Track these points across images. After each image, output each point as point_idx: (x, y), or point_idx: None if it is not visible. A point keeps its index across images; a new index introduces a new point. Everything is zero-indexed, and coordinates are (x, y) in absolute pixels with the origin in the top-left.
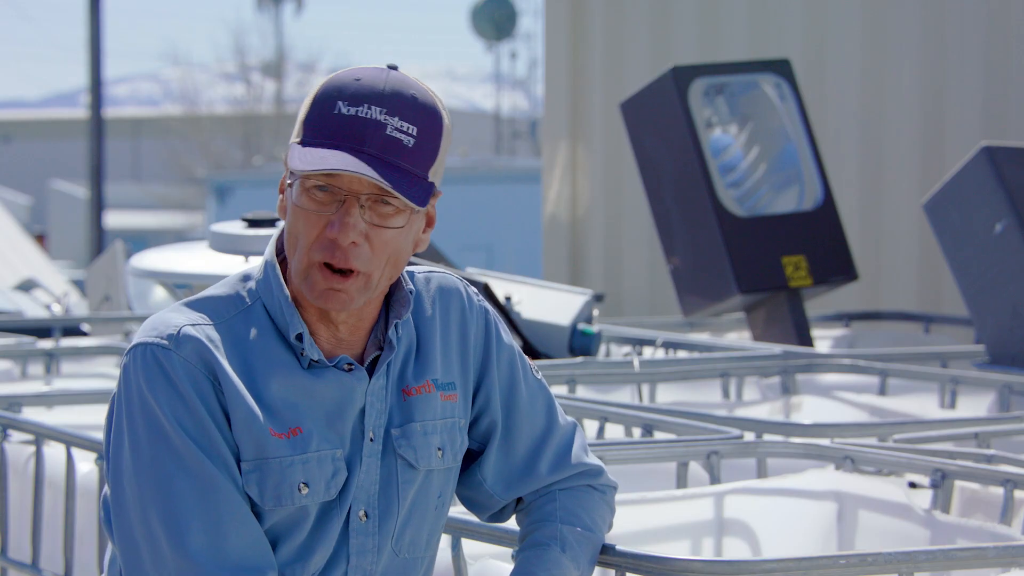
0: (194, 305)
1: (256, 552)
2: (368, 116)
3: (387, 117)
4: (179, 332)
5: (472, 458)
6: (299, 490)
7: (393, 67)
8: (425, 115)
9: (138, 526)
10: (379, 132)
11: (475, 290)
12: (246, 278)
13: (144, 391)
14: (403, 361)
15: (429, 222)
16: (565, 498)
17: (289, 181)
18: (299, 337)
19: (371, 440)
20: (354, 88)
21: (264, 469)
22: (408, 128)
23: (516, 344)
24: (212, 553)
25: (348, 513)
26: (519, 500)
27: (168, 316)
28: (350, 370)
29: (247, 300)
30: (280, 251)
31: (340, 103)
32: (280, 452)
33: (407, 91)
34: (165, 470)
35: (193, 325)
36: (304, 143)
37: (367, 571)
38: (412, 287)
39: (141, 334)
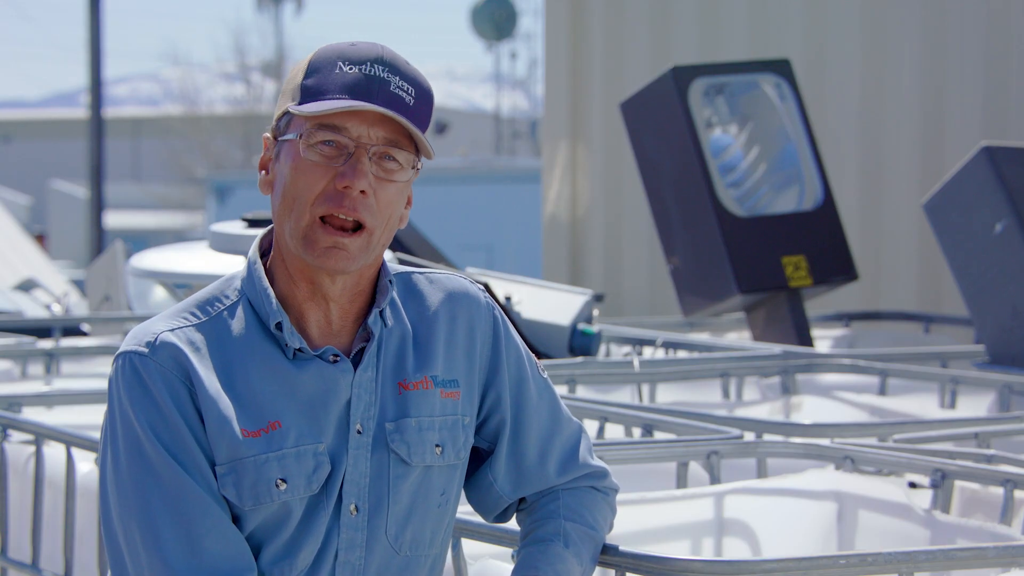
0: (179, 308)
1: (234, 556)
2: (372, 73)
3: (389, 75)
4: (156, 339)
5: (480, 459)
6: (276, 486)
7: None
8: (420, 82)
9: (120, 535)
10: (384, 87)
11: (482, 288)
12: (232, 278)
13: (124, 401)
14: (398, 354)
15: (408, 200)
16: (568, 497)
17: (287, 138)
18: (279, 326)
19: (359, 433)
20: (352, 51)
21: (239, 470)
22: (409, 88)
23: (523, 343)
24: (187, 562)
25: (340, 508)
26: (522, 499)
27: (150, 324)
28: (335, 361)
29: (232, 297)
30: (264, 251)
31: (341, 63)
32: (253, 451)
33: (401, 59)
34: (141, 481)
35: (173, 330)
36: (305, 102)
37: (355, 566)
38: (392, 277)
39: (125, 343)
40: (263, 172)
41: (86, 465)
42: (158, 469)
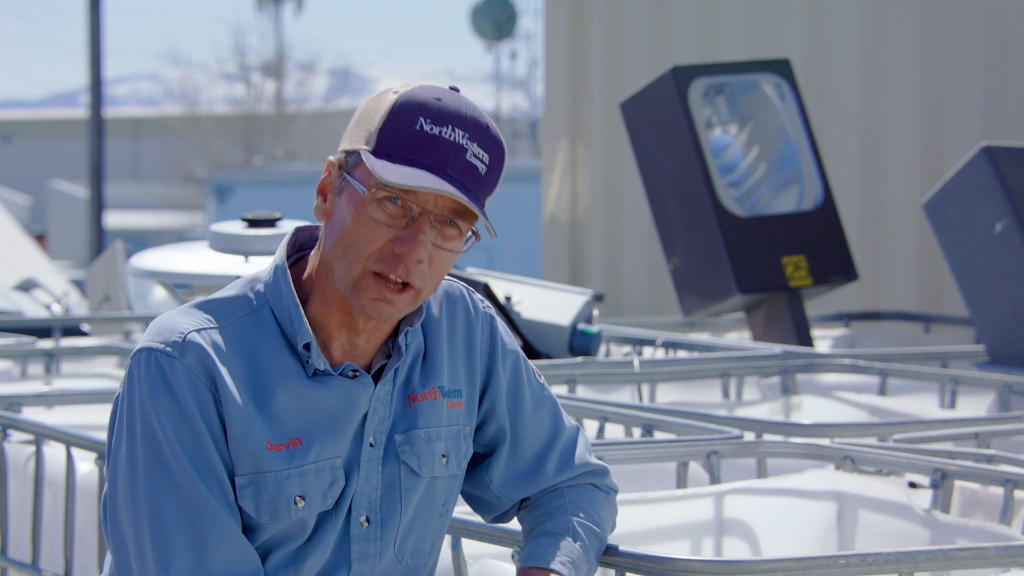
0: (202, 307)
1: (241, 567)
2: (451, 139)
3: (468, 142)
4: (184, 339)
5: (478, 462)
6: (295, 503)
7: (455, 89)
8: (496, 146)
9: (129, 536)
10: (460, 156)
11: (479, 296)
12: (254, 280)
13: (146, 400)
14: (409, 367)
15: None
16: (574, 494)
17: (352, 183)
18: (307, 346)
19: (371, 445)
20: (436, 107)
21: (259, 483)
22: (483, 156)
23: (519, 348)
24: (194, 570)
25: (349, 519)
26: (523, 499)
27: (175, 320)
28: (355, 377)
29: (255, 302)
30: (289, 255)
31: (423, 120)
32: (276, 466)
33: (483, 119)
34: (156, 485)
35: (199, 330)
36: (379, 152)
37: None
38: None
39: (147, 337)
40: (320, 198)
41: (86, 465)
42: (175, 474)
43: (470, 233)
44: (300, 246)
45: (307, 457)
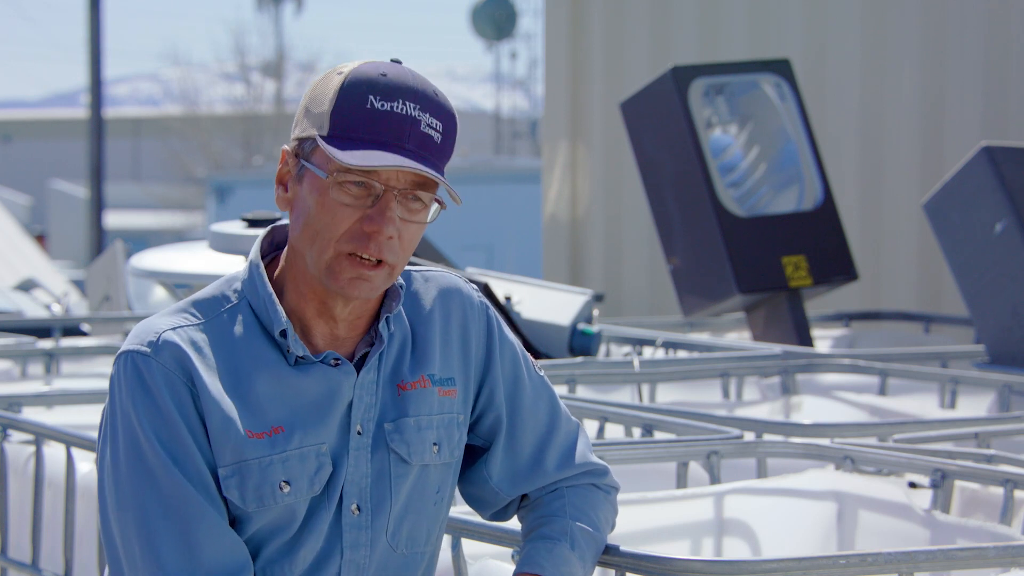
0: (181, 307)
1: (230, 561)
2: (404, 112)
3: (420, 113)
4: (159, 338)
5: (477, 455)
6: (280, 488)
7: (397, 61)
8: (447, 113)
9: (118, 536)
10: (415, 129)
11: (475, 287)
12: (232, 279)
13: (125, 401)
14: (397, 356)
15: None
16: (573, 495)
17: (312, 169)
18: (283, 334)
19: (358, 433)
20: (384, 83)
21: (243, 472)
22: (436, 125)
23: (518, 341)
24: (183, 566)
25: (341, 508)
26: (523, 497)
27: (153, 322)
28: (337, 365)
29: (233, 299)
30: (265, 252)
31: (372, 97)
32: (258, 452)
33: (430, 88)
34: (139, 483)
35: (175, 329)
36: (334, 136)
37: (360, 565)
38: (402, 282)
39: (128, 341)
40: (281, 188)
41: (86, 465)
42: (156, 472)
43: (435, 203)
44: (276, 245)
45: (290, 443)
